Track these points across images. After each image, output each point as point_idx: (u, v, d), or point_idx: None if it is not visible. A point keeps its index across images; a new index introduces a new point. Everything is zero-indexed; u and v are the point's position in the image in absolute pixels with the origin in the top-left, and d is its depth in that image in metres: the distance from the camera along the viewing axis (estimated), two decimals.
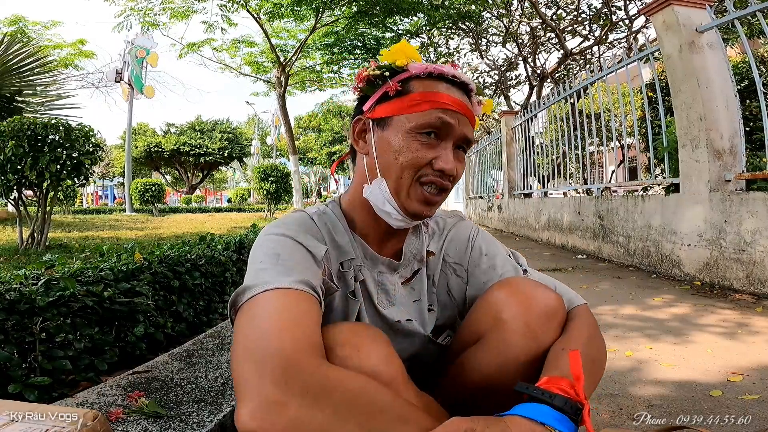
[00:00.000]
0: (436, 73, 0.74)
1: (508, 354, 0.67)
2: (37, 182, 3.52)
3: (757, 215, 2.49)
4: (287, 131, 12.87)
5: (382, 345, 0.62)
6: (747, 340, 1.76)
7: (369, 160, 0.75)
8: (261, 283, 0.61)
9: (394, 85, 0.73)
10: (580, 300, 0.79)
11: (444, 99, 0.71)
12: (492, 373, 0.68)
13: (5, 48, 4.81)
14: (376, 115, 0.74)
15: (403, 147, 0.71)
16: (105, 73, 14.91)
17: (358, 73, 0.77)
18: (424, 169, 0.71)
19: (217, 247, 2.22)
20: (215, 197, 41.62)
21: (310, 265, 0.67)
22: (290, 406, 0.50)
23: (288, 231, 0.71)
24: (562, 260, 4.04)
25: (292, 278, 0.61)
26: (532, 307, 0.68)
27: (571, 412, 0.57)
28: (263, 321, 0.56)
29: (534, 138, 6.82)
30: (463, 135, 0.73)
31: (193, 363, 1.18)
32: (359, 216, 0.79)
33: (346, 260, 0.77)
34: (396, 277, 0.81)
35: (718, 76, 2.93)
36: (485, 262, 0.82)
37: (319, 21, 10.50)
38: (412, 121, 0.71)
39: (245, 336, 0.56)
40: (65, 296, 1.22)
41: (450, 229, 0.87)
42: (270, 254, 0.66)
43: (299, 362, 0.53)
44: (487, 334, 0.70)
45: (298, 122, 31.25)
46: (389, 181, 0.72)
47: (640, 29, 8.35)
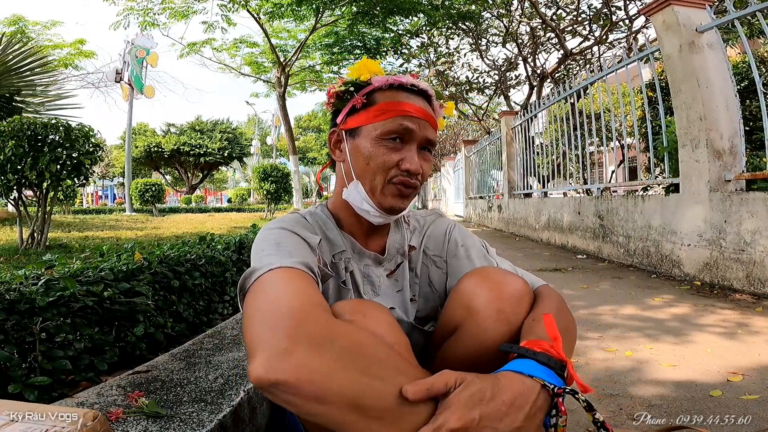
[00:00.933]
0: (396, 84, 0.82)
1: (484, 340, 0.70)
2: (37, 182, 3.52)
3: (757, 215, 2.49)
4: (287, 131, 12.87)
5: (387, 315, 0.67)
6: (747, 340, 1.76)
7: (345, 167, 0.84)
8: (266, 264, 0.66)
9: (359, 98, 0.81)
10: (541, 282, 0.85)
11: (404, 107, 0.79)
12: (472, 360, 0.70)
13: (5, 48, 4.81)
14: (347, 126, 0.83)
15: (372, 152, 0.79)
16: (105, 73, 14.90)
17: (328, 90, 0.86)
18: (393, 170, 0.79)
19: (217, 247, 2.22)
20: (215, 197, 41.62)
21: (307, 252, 0.73)
22: (296, 352, 0.53)
23: (285, 225, 0.79)
24: (562, 260, 4.04)
25: (294, 259, 0.67)
26: (503, 293, 0.72)
27: (557, 368, 0.61)
28: (273, 292, 0.61)
29: (534, 138, 6.82)
30: (425, 137, 0.81)
31: (193, 363, 1.18)
32: (344, 216, 0.87)
33: (337, 252, 0.84)
34: (381, 269, 0.87)
35: (718, 76, 2.93)
36: (462, 252, 0.88)
37: (319, 21, 10.50)
38: (378, 129, 0.79)
39: (257, 307, 0.60)
40: (65, 296, 1.22)
41: (429, 225, 0.95)
42: (271, 243, 0.73)
43: (308, 315, 0.57)
44: (462, 323, 0.73)
45: (298, 122, 31.27)
46: (364, 183, 0.80)
47: (640, 29, 8.35)
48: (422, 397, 0.55)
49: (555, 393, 0.59)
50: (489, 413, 0.55)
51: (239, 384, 1.02)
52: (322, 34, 11.53)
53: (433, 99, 0.86)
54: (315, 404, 0.53)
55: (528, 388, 0.58)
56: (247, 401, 0.98)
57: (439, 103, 0.88)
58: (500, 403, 0.56)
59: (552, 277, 3.20)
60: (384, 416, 0.54)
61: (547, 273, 3.40)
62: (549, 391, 0.59)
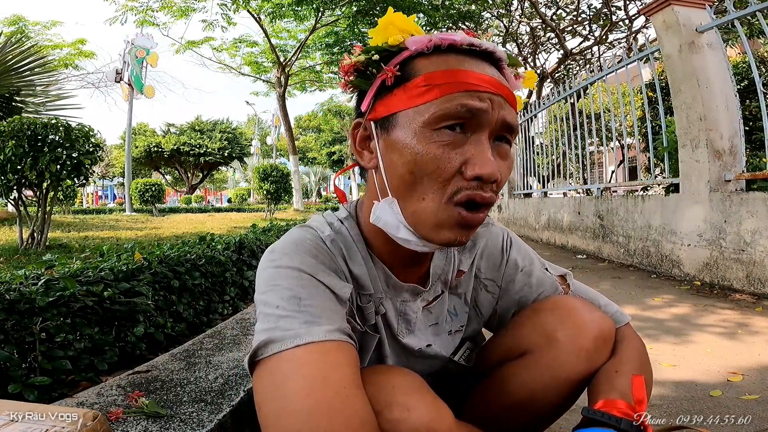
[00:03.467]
0: (446, 44, 0.55)
1: (558, 373, 0.66)
2: (37, 182, 3.52)
3: (757, 215, 2.49)
4: (287, 131, 12.88)
5: (428, 396, 0.56)
6: (747, 340, 1.76)
7: (378, 176, 0.59)
8: (287, 336, 0.50)
9: (390, 70, 0.56)
10: (626, 318, 0.76)
11: (464, 77, 0.53)
12: (538, 390, 0.67)
13: (5, 48, 4.81)
14: (377, 115, 0.58)
15: (418, 153, 0.53)
16: (105, 73, 14.90)
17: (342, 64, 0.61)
18: (453, 181, 0.53)
19: (217, 247, 2.22)
20: (215, 197, 41.62)
21: (336, 309, 0.56)
22: None
23: (304, 266, 0.57)
24: (562, 260, 4.04)
25: (325, 328, 0.51)
26: (587, 330, 0.66)
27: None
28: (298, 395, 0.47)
29: (534, 138, 6.82)
30: (502, 120, 0.54)
31: (193, 363, 1.18)
32: (376, 240, 0.65)
33: (365, 294, 0.66)
34: (418, 301, 0.71)
35: (718, 76, 2.93)
36: (521, 278, 0.77)
37: (319, 21, 10.50)
38: (423, 115, 0.53)
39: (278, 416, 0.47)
40: (65, 296, 1.22)
41: (482, 240, 0.76)
42: (288, 297, 0.54)
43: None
44: (536, 351, 0.68)
45: (298, 122, 31.26)
46: (404, 202, 0.56)
47: (640, 29, 8.36)
48: None
49: None
50: None
51: (239, 384, 1.02)
52: (322, 34, 11.54)
53: (503, 64, 0.59)
54: None
55: None
56: (247, 401, 0.98)
57: (513, 72, 0.61)
58: None
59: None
60: None
61: None
62: None
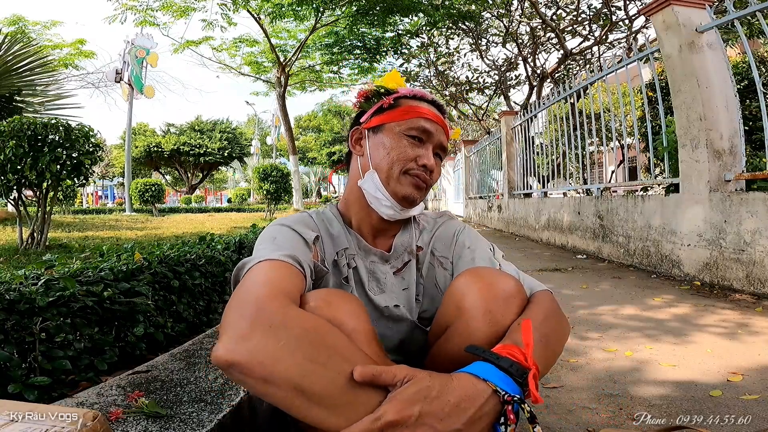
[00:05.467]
0: (419, 95, 0.93)
1: (471, 340, 0.70)
2: (37, 182, 3.52)
3: (756, 215, 2.49)
4: (287, 131, 12.87)
5: (352, 304, 0.69)
6: (747, 340, 1.76)
7: (363, 160, 0.90)
8: (256, 257, 0.72)
9: (389, 99, 0.90)
10: (542, 287, 0.84)
11: (426, 112, 0.89)
12: (460, 359, 0.70)
13: (5, 48, 4.81)
14: (371, 125, 0.90)
15: (394, 145, 0.87)
16: (105, 73, 14.90)
17: (359, 92, 0.95)
18: (411, 163, 0.86)
19: (217, 247, 2.22)
20: (215, 197, 41.61)
21: (300, 246, 0.78)
22: (253, 337, 0.57)
23: (285, 222, 0.84)
24: (562, 260, 4.04)
25: (281, 253, 0.72)
26: (492, 293, 0.72)
27: (517, 375, 0.61)
28: (250, 281, 0.66)
29: (534, 138, 6.82)
30: (440, 142, 0.90)
31: (193, 363, 1.18)
32: (354, 211, 0.92)
33: (340, 249, 0.88)
34: (387, 267, 0.91)
35: (717, 76, 2.93)
36: (467, 254, 0.90)
37: (319, 21, 10.50)
38: (401, 126, 0.88)
39: (235, 295, 0.64)
40: (65, 296, 1.22)
41: (439, 226, 0.97)
42: (268, 238, 0.80)
43: (268, 304, 0.60)
44: (452, 322, 0.74)
45: (298, 122, 31.25)
46: (380, 173, 0.87)
47: (640, 29, 8.35)
48: (366, 380, 0.57)
49: (504, 400, 0.59)
50: (430, 411, 0.55)
51: (239, 384, 1.02)
52: (322, 34, 11.54)
53: (446, 115, 0.96)
54: (264, 385, 0.56)
55: (477, 392, 0.58)
56: (247, 401, 0.98)
57: (449, 125, 0.97)
58: (444, 402, 0.56)
59: (552, 277, 3.20)
60: (327, 402, 0.56)
61: (547, 273, 3.40)
62: (500, 397, 0.59)
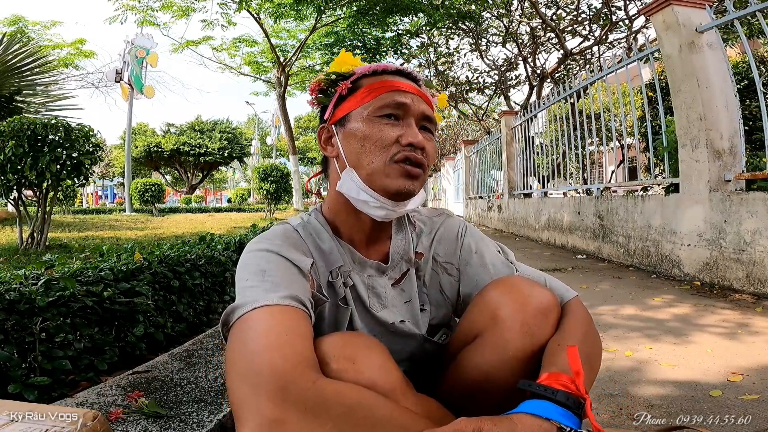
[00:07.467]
0: (380, 68, 0.78)
1: (505, 351, 0.68)
2: (37, 182, 3.52)
3: (756, 215, 2.49)
4: (287, 131, 12.88)
5: (377, 354, 0.62)
6: (747, 340, 1.76)
7: (339, 161, 0.77)
8: (249, 301, 0.61)
9: (345, 84, 0.77)
10: (572, 293, 0.80)
11: (393, 84, 0.74)
12: (490, 371, 0.69)
13: (5, 48, 4.81)
14: (336, 118, 0.77)
15: (366, 132, 0.72)
16: (105, 73, 14.89)
17: (311, 86, 0.81)
18: (393, 147, 0.72)
19: (216, 247, 2.22)
20: (215, 197, 41.60)
21: (296, 279, 0.67)
22: (289, 422, 0.50)
23: (272, 246, 0.70)
24: (562, 260, 4.04)
25: (279, 294, 0.62)
26: (528, 305, 0.69)
27: (574, 407, 0.58)
28: (253, 340, 0.56)
29: (534, 138, 6.82)
30: (421, 112, 0.75)
31: (193, 363, 1.18)
32: (342, 219, 0.79)
33: (334, 268, 0.76)
34: (385, 279, 0.80)
35: (717, 76, 2.93)
36: (476, 259, 0.83)
37: (320, 21, 10.50)
38: (369, 108, 0.73)
39: (236, 359, 0.56)
40: (65, 296, 1.22)
41: (438, 227, 0.87)
42: (256, 271, 0.66)
43: (294, 378, 0.52)
44: (484, 333, 0.71)
45: (298, 122, 31.28)
46: (360, 170, 0.73)
47: (640, 29, 8.35)
48: None
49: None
50: None
51: None
52: (322, 34, 11.54)
53: (421, 83, 0.80)
54: None
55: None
56: None
57: (430, 92, 0.81)
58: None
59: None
60: None
61: (547, 273, 3.40)
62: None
